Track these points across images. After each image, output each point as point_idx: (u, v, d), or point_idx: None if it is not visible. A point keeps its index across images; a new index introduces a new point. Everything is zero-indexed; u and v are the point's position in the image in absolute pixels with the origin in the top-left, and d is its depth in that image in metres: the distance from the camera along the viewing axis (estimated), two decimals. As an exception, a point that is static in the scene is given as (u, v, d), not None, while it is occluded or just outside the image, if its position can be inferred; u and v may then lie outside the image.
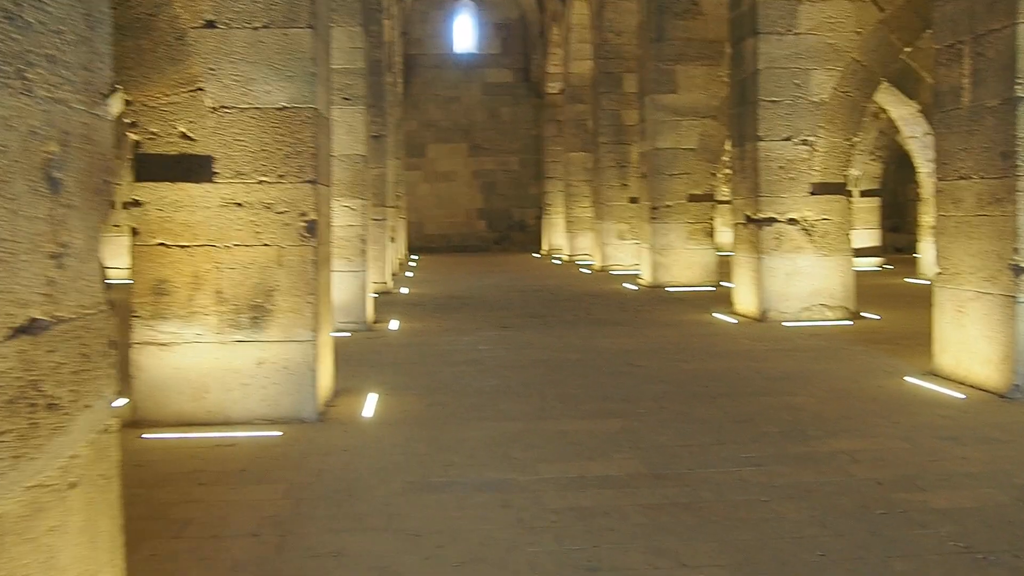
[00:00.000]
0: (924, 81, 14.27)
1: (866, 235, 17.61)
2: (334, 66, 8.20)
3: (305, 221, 5.14)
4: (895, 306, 11.01)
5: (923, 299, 12.12)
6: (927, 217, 15.34)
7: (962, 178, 6.20)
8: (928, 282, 14.79)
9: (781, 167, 9.75)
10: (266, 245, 5.10)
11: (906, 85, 14.18)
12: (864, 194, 17.81)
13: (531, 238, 27.61)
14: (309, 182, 5.16)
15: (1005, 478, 4.06)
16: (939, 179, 6.50)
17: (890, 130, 17.35)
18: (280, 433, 4.88)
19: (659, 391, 6.13)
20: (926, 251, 15.47)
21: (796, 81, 9.66)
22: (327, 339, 5.64)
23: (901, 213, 23.85)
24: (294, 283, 5.10)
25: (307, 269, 5.12)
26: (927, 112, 14.53)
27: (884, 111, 15.70)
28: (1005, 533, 3.38)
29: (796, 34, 9.59)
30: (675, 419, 5.33)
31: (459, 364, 7.30)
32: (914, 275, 15.60)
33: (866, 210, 17.85)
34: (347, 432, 5.00)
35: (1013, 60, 5.68)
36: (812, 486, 3.97)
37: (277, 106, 5.12)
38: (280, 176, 5.12)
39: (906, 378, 6.38)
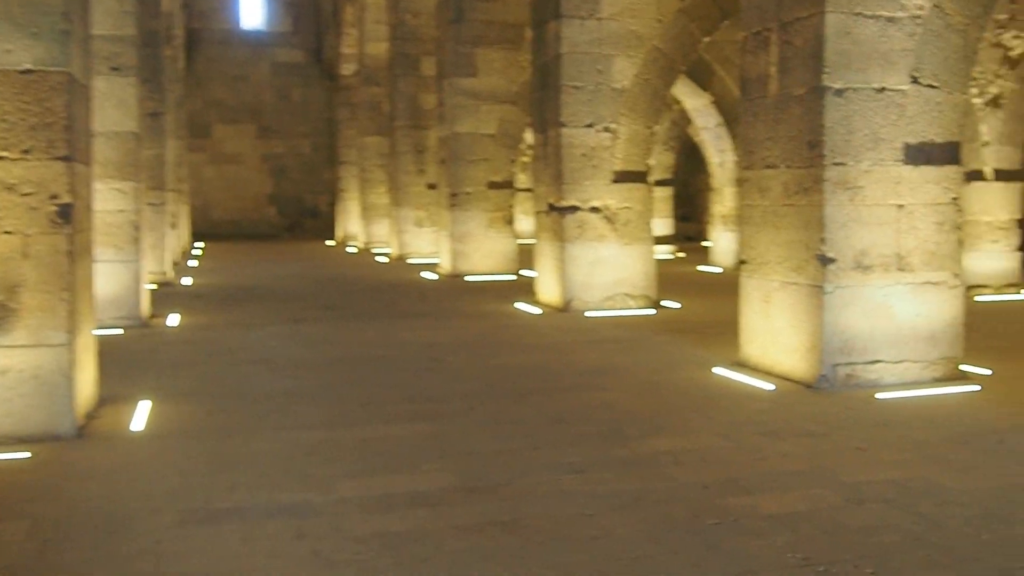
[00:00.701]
0: (716, 73, 14.55)
1: (660, 224, 17.90)
2: (100, 31, 7.37)
3: (57, 205, 4.40)
4: (692, 294, 11.09)
5: (717, 287, 12.36)
6: (719, 207, 15.69)
7: (769, 167, 6.11)
8: (720, 270, 15.19)
9: (584, 154, 9.56)
10: (8, 233, 4.32)
11: (699, 76, 14.41)
12: (658, 184, 18.09)
13: (324, 225, 26.73)
14: (62, 159, 4.41)
15: (830, 476, 3.89)
16: (745, 168, 6.40)
17: (682, 121, 17.70)
18: (28, 455, 4.14)
19: (468, 389, 5.74)
20: (717, 240, 15.82)
21: (598, 67, 9.49)
22: (88, 340, 4.90)
23: (691, 203, 24.58)
24: (44, 277, 4.35)
25: (60, 261, 4.38)
26: (719, 103, 14.84)
27: (677, 102, 15.95)
28: (841, 539, 3.16)
29: (599, 19, 9.41)
30: (487, 421, 4.95)
31: (247, 364, 6.67)
32: (706, 263, 15.94)
33: (660, 199, 18.14)
34: (112, 450, 4.31)
35: (820, 49, 5.60)
36: (639, 494, 3.67)
37: (20, 68, 4.34)
38: (24, 152, 4.35)
39: (715, 369, 6.25)
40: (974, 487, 3.69)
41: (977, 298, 10.05)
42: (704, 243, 22.53)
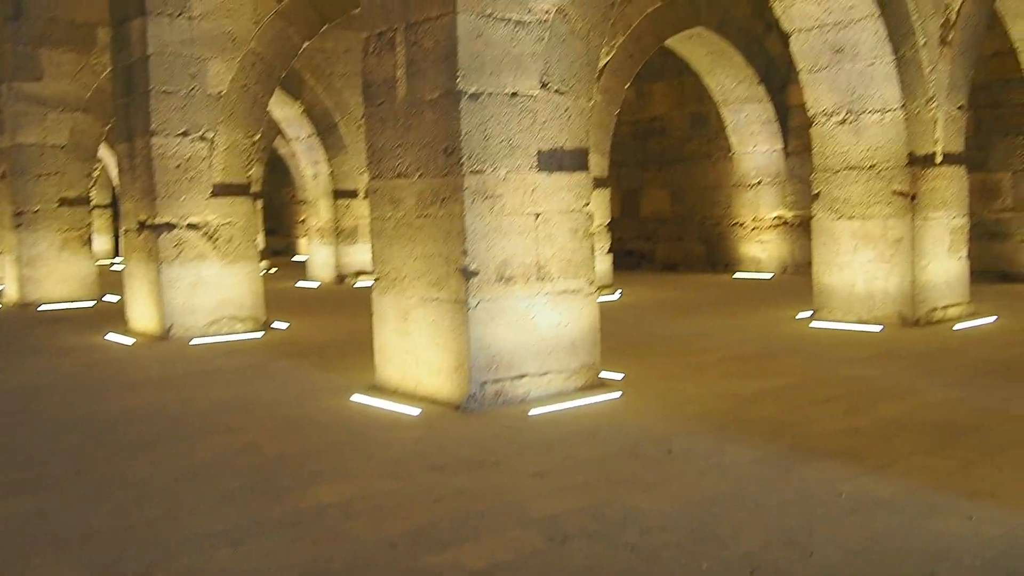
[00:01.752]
0: (307, 82, 14.06)
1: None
2: None
3: None
4: (298, 312, 10.53)
5: (320, 303, 11.87)
6: (314, 220, 15.16)
7: (401, 176, 5.74)
8: (316, 284, 14.63)
9: (179, 166, 8.66)
10: None
11: (290, 85, 13.85)
12: (249, 197, 17.23)
13: None
14: None
15: (520, 512, 3.56)
16: (374, 178, 5.98)
17: (268, 132, 16.97)
18: None
19: (71, 445, 4.77)
20: (313, 254, 15.26)
21: (192, 70, 8.63)
22: None
23: (278, 216, 23.86)
24: None
25: None
26: (311, 113, 14.35)
27: (266, 112, 15.23)
28: (560, 590, 2.81)
29: (190, 18, 8.55)
30: (104, 485, 4.08)
31: None
32: (303, 278, 15.39)
33: (252, 213, 17.31)
34: None
35: (453, 52, 5.31)
36: (318, 564, 3.08)
37: None
38: None
39: (353, 397, 5.77)
40: (669, 507, 3.52)
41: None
42: (295, 258, 21.97)
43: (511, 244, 5.53)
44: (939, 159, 8.37)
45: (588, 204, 5.92)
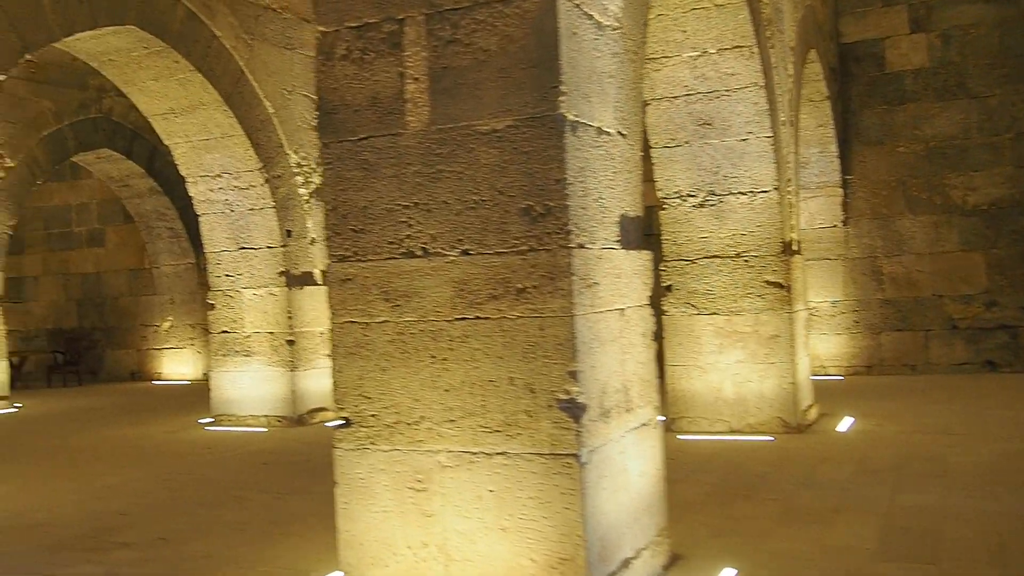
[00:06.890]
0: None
1: None
2: None
3: None
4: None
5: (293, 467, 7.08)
6: (231, 319, 9.52)
7: (412, 255, 3.53)
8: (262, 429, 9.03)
9: None
10: None
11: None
12: None
13: None
14: None
15: None
16: (342, 259, 3.66)
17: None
18: None
19: None
20: (226, 378, 9.63)
21: None
22: None
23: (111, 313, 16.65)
24: None
25: None
26: None
27: None
28: None
29: None
30: None
31: None
32: (206, 416, 9.70)
33: None
34: None
35: (553, 54, 3.32)
36: None
37: None
38: None
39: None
40: None
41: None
42: (156, 381, 15.03)
43: (607, 358, 3.57)
44: (795, 247, 7.61)
45: (651, 295, 4.12)
